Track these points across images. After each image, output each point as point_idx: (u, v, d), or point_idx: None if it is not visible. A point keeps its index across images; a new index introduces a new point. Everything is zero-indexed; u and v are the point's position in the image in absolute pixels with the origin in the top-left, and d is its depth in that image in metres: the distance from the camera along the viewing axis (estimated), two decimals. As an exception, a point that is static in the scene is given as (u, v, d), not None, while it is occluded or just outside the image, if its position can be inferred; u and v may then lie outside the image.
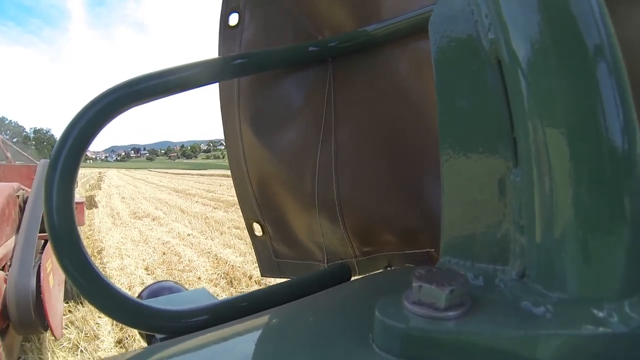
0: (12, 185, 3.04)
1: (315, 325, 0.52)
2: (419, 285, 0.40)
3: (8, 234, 2.79)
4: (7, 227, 2.77)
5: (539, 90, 0.38)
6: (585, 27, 0.36)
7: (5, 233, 2.73)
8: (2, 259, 2.50)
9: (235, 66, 0.84)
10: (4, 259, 2.54)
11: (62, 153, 0.59)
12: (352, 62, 0.90)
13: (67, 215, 0.58)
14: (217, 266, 5.96)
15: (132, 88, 0.66)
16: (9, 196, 2.85)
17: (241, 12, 1.01)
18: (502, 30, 0.40)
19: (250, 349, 0.49)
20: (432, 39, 0.49)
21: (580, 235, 0.36)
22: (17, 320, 2.44)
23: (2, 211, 2.70)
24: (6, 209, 2.77)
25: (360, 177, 0.92)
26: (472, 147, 0.46)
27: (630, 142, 0.35)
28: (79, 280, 0.58)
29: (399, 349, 0.39)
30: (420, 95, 0.80)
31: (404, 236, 0.90)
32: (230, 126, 1.09)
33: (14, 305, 2.42)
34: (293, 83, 0.98)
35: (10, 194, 2.90)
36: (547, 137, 0.37)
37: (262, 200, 1.12)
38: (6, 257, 2.58)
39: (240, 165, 1.11)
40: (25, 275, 2.49)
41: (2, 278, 2.44)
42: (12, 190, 2.95)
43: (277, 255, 1.17)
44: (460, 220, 0.48)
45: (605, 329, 0.34)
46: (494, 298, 0.41)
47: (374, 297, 0.45)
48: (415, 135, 0.83)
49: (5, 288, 2.42)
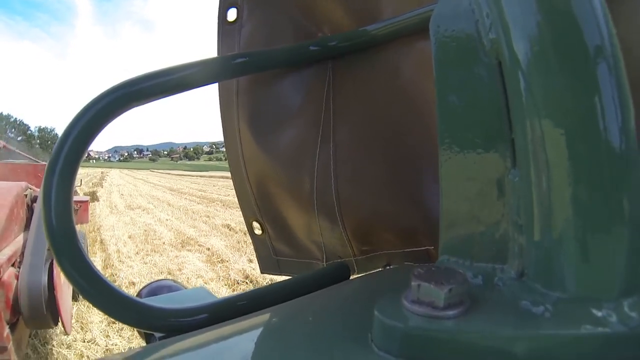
0: (20, 185, 3.15)
1: (314, 324, 0.52)
2: (417, 284, 0.40)
3: (16, 232, 2.90)
4: (15, 226, 2.88)
5: (538, 90, 0.38)
6: (586, 27, 0.36)
7: (13, 231, 2.84)
8: (12, 256, 2.58)
9: (235, 66, 0.83)
10: (14, 256, 2.64)
11: (62, 154, 0.58)
12: (352, 61, 0.90)
13: (66, 216, 0.58)
14: (178, 237, 8.51)
15: (131, 88, 0.65)
16: (17, 195, 2.96)
17: (239, 7, 1.01)
18: (503, 30, 0.40)
19: (249, 347, 0.49)
20: (433, 38, 0.49)
21: (579, 234, 0.36)
22: (28, 314, 2.57)
23: (11, 210, 2.81)
24: (15, 208, 2.88)
25: (359, 176, 0.92)
26: (471, 146, 0.46)
27: (628, 142, 0.35)
28: (77, 279, 0.58)
29: (398, 348, 0.39)
30: (420, 95, 0.80)
31: (403, 235, 0.90)
32: (229, 126, 1.09)
33: (26, 299, 2.53)
34: (292, 83, 0.98)
35: (19, 193, 3.02)
36: (545, 137, 0.37)
37: (261, 199, 1.12)
38: (16, 254, 2.67)
39: (239, 165, 1.11)
40: (37, 271, 2.61)
41: (14, 274, 2.55)
42: (20, 190, 3.07)
43: (277, 253, 1.17)
44: (459, 220, 0.48)
45: (604, 328, 0.34)
46: (493, 297, 0.41)
47: (373, 296, 0.45)
48: (415, 135, 0.83)
49: (17, 284, 2.54)
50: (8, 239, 2.71)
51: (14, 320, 2.52)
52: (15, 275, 2.55)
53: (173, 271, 5.82)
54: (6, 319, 2.36)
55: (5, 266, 2.43)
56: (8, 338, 2.34)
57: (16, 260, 2.68)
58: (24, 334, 2.83)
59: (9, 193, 2.90)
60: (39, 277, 2.58)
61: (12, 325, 2.48)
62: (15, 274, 2.56)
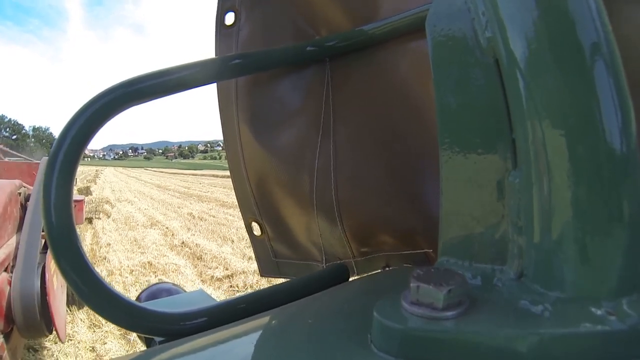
0: (14, 183, 2.95)
1: (313, 326, 0.52)
2: (416, 286, 0.40)
3: (10, 232, 2.73)
4: (9, 226, 2.71)
5: (537, 90, 0.38)
6: (582, 25, 0.36)
7: (7, 232, 2.67)
8: (5, 260, 2.44)
9: (233, 66, 0.83)
10: (7, 259, 2.49)
11: (60, 153, 0.58)
12: (349, 61, 0.90)
13: (66, 216, 0.57)
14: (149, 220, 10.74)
15: (129, 88, 0.65)
16: (10, 193, 2.78)
17: (237, 11, 1.01)
18: (499, 28, 0.40)
19: (249, 350, 0.48)
20: (429, 37, 0.49)
21: (579, 235, 0.36)
22: (22, 323, 2.40)
23: (4, 209, 2.63)
24: (8, 206, 2.70)
25: (359, 177, 0.92)
26: (471, 147, 0.46)
27: (628, 142, 0.35)
28: (77, 283, 0.57)
29: (397, 349, 0.39)
30: (419, 95, 0.80)
31: (402, 237, 0.90)
32: (229, 126, 1.09)
33: (19, 308, 2.37)
34: (291, 83, 0.98)
35: (12, 191, 2.83)
36: (545, 138, 0.37)
37: (261, 200, 1.11)
38: (9, 258, 2.52)
39: (239, 165, 1.11)
40: (30, 276, 2.45)
41: (6, 280, 2.39)
42: (13, 188, 2.88)
43: (276, 255, 1.17)
44: (459, 221, 0.48)
45: (603, 327, 0.34)
46: (492, 297, 0.41)
47: (372, 298, 0.45)
48: (414, 135, 0.83)
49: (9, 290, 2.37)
50: (1, 240, 2.54)
51: (7, 329, 2.36)
52: (7, 281, 2.39)
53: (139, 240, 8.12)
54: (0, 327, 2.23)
55: None
56: (2, 347, 2.21)
57: (9, 264, 2.52)
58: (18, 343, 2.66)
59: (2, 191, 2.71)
60: (31, 283, 2.42)
61: (6, 335, 2.33)
62: (7, 280, 2.40)
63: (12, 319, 2.38)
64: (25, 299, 2.39)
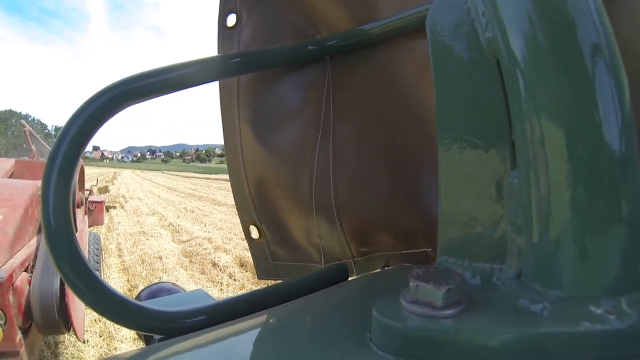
0: (35, 184, 2.96)
1: (312, 325, 0.52)
2: (416, 285, 0.40)
3: (30, 234, 2.77)
4: (29, 227, 2.74)
5: (537, 90, 0.38)
6: (582, 25, 0.36)
7: (28, 233, 2.71)
8: (25, 260, 2.48)
9: (234, 64, 0.83)
10: (27, 259, 2.53)
11: (60, 152, 0.57)
12: (350, 61, 0.90)
13: (64, 216, 0.57)
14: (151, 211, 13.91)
15: (128, 86, 0.64)
16: (32, 195, 2.80)
17: (238, 12, 1.02)
18: (499, 28, 0.40)
19: (248, 349, 0.49)
20: (429, 37, 0.49)
21: (578, 234, 0.36)
22: (40, 320, 2.47)
23: (26, 211, 2.67)
24: (29, 208, 2.74)
25: (358, 177, 0.92)
26: (470, 148, 0.46)
27: (627, 143, 0.35)
28: (76, 282, 0.57)
29: (397, 347, 0.39)
30: (419, 94, 0.80)
31: (402, 236, 0.90)
32: (229, 127, 1.09)
33: (38, 306, 2.44)
34: (292, 82, 0.98)
35: (34, 192, 2.85)
36: (545, 138, 0.37)
37: (260, 202, 1.11)
38: (29, 258, 2.57)
39: (238, 167, 1.11)
40: (49, 277, 2.51)
41: (26, 279, 2.46)
42: (36, 189, 2.89)
43: (274, 258, 1.16)
44: (458, 221, 0.48)
45: (602, 326, 0.34)
46: (491, 296, 0.41)
47: (372, 297, 0.45)
48: (414, 135, 0.83)
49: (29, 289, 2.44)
50: (22, 241, 2.60)
51: (26, 325, 2.43)
52: (27, 281, 2.46)
53: (140, 222, 11.41)
54: (18, 324, 2.29)
55: (18, 271, 2.34)
56: (20, 343, 2.28)
57: (29, 264, 2.57)
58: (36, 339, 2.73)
59: (24, 192, 2.75)
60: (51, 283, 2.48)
61: (24, 331, 2.41)
62: (27, 279, 2.46)
63: (30, 316, 2.45)
64: (44, 297, 2.45)
